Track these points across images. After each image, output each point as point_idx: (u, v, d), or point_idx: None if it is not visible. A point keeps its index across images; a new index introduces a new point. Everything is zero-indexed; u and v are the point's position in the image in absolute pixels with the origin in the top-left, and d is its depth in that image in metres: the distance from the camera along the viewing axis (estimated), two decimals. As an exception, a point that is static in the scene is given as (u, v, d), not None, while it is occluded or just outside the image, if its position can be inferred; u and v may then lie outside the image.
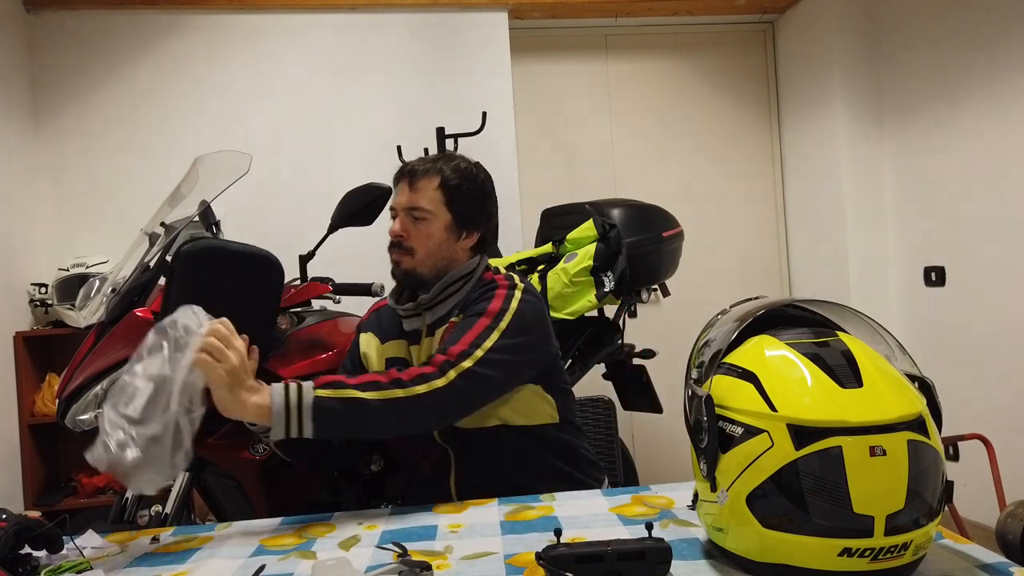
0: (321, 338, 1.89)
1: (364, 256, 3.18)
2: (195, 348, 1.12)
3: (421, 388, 1.26)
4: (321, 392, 1.21)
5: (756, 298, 1.06)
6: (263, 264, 1.70)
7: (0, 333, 2.83)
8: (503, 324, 1.35)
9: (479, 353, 1.30)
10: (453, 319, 1.43)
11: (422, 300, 1.46)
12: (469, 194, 1.48)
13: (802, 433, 0.81)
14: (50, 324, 3.00)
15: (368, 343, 1.56)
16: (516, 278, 1.47)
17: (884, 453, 0.79)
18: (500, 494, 1.31)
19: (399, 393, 1.24)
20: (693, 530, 1.06)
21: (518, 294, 1.41)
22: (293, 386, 1.20)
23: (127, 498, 1.63)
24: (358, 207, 1.91)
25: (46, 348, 3.08)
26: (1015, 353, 2.77)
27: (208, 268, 1.59)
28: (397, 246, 1.45)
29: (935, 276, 3.14)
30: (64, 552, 1.08)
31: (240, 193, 2.11)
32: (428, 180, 1.45)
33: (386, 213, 2.11)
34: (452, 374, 1.28)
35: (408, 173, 1.46)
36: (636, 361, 2.61)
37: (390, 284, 1.99)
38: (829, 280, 3.52)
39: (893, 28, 3.32)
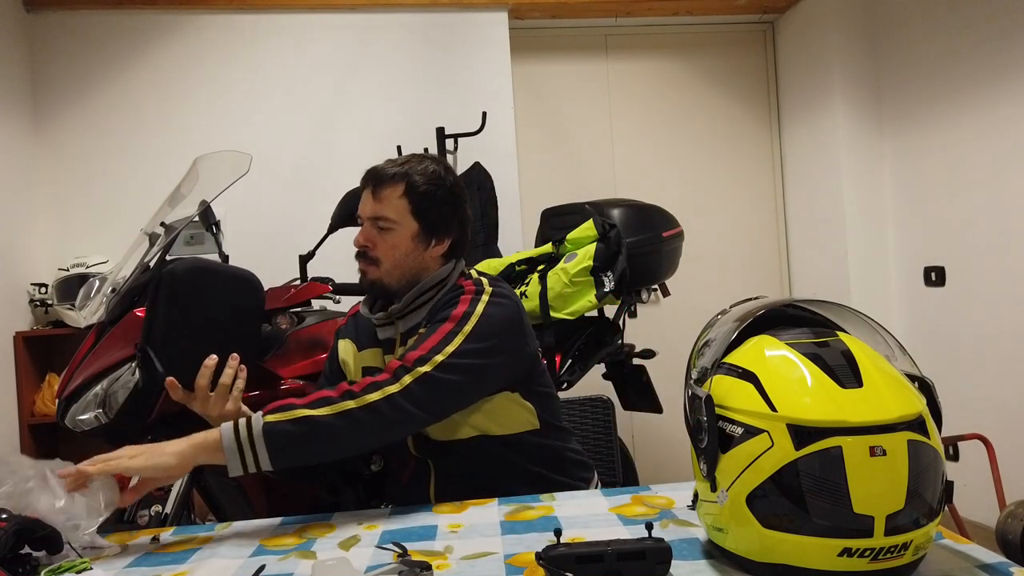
0: (321, 338, 1.89)
1: (364, 256, 3.19)
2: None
3: (373, 396, 1.20)
4: (270, 417, 1.17)
5: (756, 298, 1.06)
6: (246, 284, 1.70)
7: (0, 333, 2.83)
8: (467, 328, 1.30)
9: (439, 358, 1.25)
10: (422, 329, 1.37)
11: (393, 310, 1.41)
12: (438, 200, 1.40)
13: (802, 433, 0.81)
14: (50, 324, 3.01)
15: (346, 350, 1.52)
16: (486, 282, 1.42)
17: (884, 453, 0.79)
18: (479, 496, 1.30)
19: (350, 404, 1.19)
20: (693, 530, 1.06)
21: (485, 298, 1.35)
22: (242, 420, 1.17)
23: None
24: (358, 207, 1.91)
25: (46, 348, 3.08)
26: (1015, 353, 2.77)
27: (194, 287, 1.59)
28: (363, 256, 1.40)
29: (935, 276, 3.14)
30: (64, 552, 1.08)
31: (240, 193, 2.12)
32: (393, 188, 1.38)
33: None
34: (407, 379, 1.22)
35: (372, 179, 1.39)
36: (636, 361, 2.61)
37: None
38: (829, 280, 3.52)
39: (893, 28, 3.32)
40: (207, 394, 1.30)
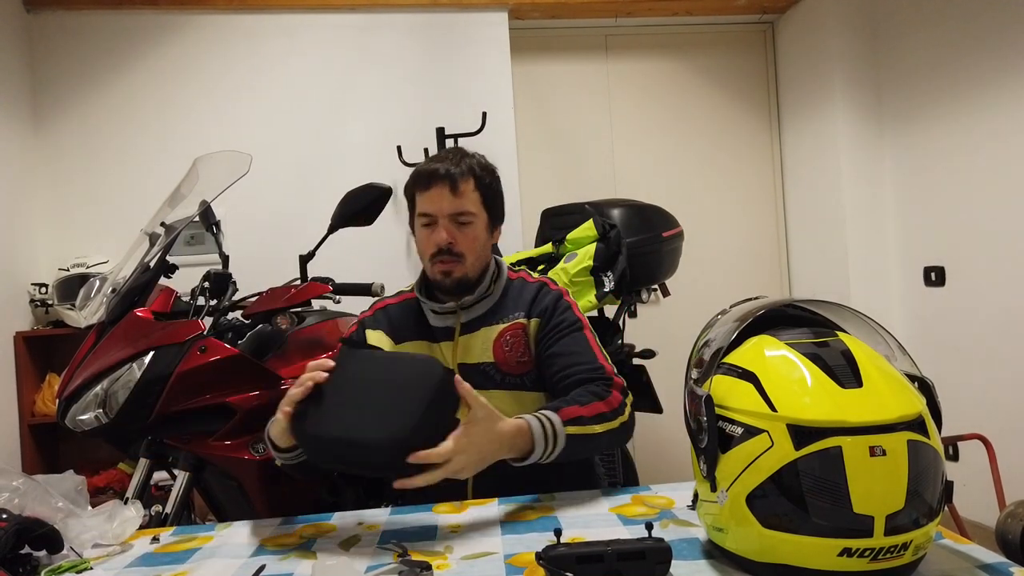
0: (321, 338, 1.89)
1: (364, 256, 3.19)
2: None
3: (626, 413, 1.34)
4: (571, 429, 1.24)
5: (756, 298, 1.06)
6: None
7: (0, 333, 2.83)
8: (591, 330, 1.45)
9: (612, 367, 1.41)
10: (510, 322, 1.44)
11: (466, 301, 1.45)
12: (496, 189, 1.48)
13: (802, 433, 0.81)
14: (50, 324, 3.01)
15: (380, 340, 1.50)
16: (548, 278, 1.52)
17: (884, 453, 0.79)
18: (515, 493, 1.30)
19: (617, 422, 1.31)
20: (693, 530, 1.06)
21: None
22: (546, 422, 1.22)
23: (127, 498, 1.63)
24: (358, 207, 1.91)
25: (46, 348, 3.08)
26: (1015, 353, 2.77)
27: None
28: (446, 253, 1.41)
29: (935, 276, 3.14)
30: (64, 552, 1.08)
31: (240, 193, 2.11)
32: (466, 182, 1.41)
33: (386, 213, 2.11)
34: (627, 398, 1.36)
35: (447, 177, 1.40)
36: (636, 361, 2.61)
37: (390, 284, 2.00)
38: (829, 280, 3.52)
39: (893, 28, 3.32)
40: None
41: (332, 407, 1.13)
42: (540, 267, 2.38)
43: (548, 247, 2.42)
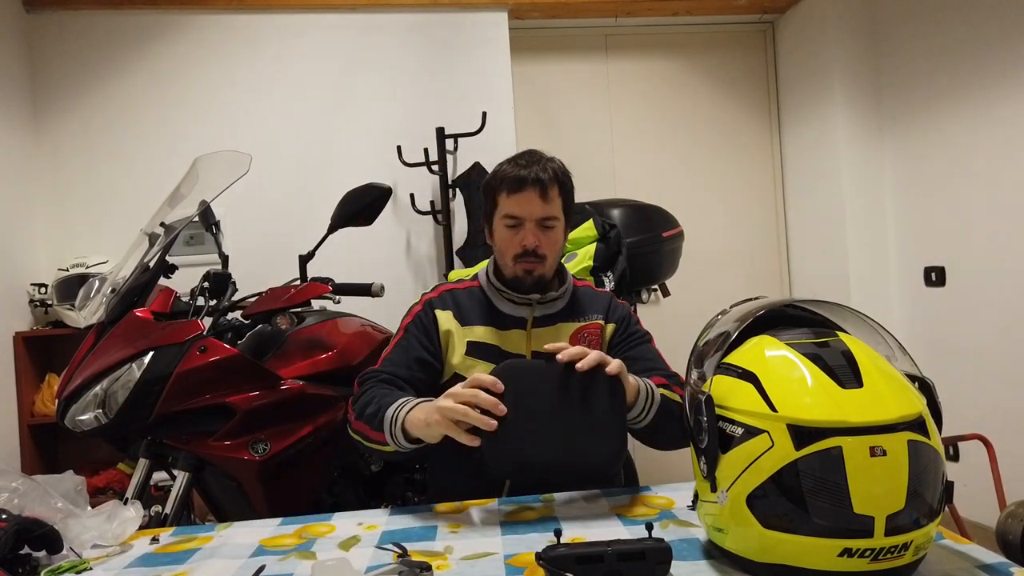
0: (321, 338, 1.89)
1: (364, 256, 3.19)
2: None
3: None
4: (664, 392, 1.34)
5: (756, 298, 1.06)
6: None
7: (0, 333, 2.83)
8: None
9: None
10: (588, 321, 1.52)
11: (550, 295, 1.51)
12: (572, 196, 1.54)
13: (802, 433, 0.81)
14: (50, 324, 3.00)
15: (448, 320, 1.50)
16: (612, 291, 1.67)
17: (884, 453, 0.79)
18: (553, 488, 1.30)
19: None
20: (693, 530, 1.06)
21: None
22: (649, 383, 1.32)
23: (127, 498, 1.63)
24: (358, 207, 1.91)
25: (46, 348, 3.08)
26: (1015, 353, 2.77)
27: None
28: (531, 255, 1.45)
29: (935, 276, 3.14)
30: (64, 552, 1.08)
31: (240, 193, 2.12)
32: (554, 188, 1.46)
33: (386, 213, 2.11)
34: None
35: (538, 183, 1.45)
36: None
37: (390, 284, 2.00)
38: (829, 280, 3.52)
39: (893, 28, 3.32)
40: None
41: (525, 428, 1.15)
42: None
43: (548, 247, 2.41)
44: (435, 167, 3.23)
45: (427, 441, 1.23)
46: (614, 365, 1.19)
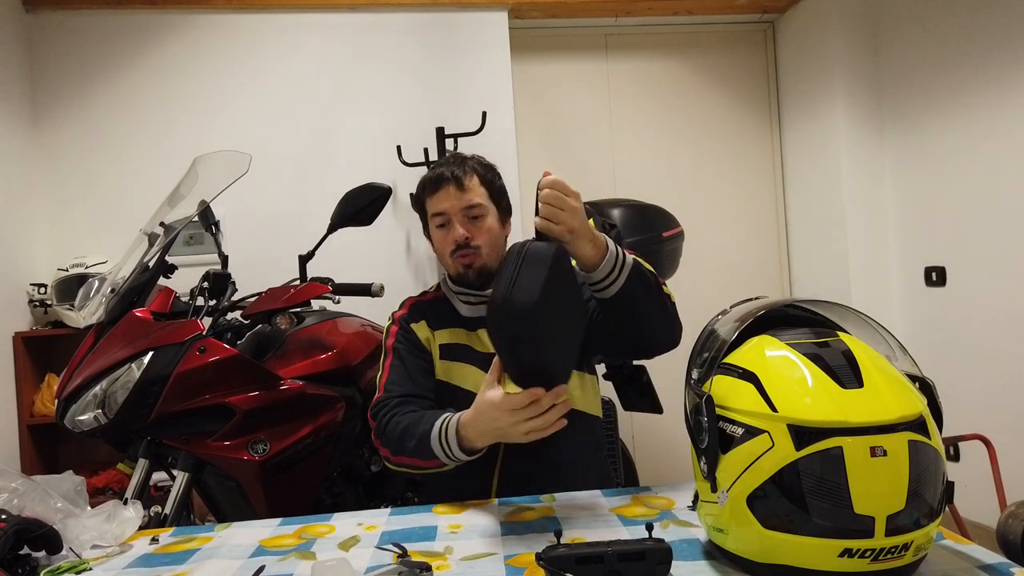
0: (320, 338, 1.89)
1: (364, 256, 3.19)
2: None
3: (672, 303, 1.36)
4: (638, 259, 1.31)
5: (756, 298, 1.06)
6: None
7: (0, 333, 2.82)
8: None
9: None
10: None
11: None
12: (500, 184, 1.55)
13: (803, 433, 0.81)
14: (49, 324, 3.00)
15: (423, 330, 1.52)
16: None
17: (885, 453, 0.79)
18: (541, 487, 1.30)
19: (666, 298, 1.34)
20: (693, 531, 1.06)
21: None
22: (616, 249, 1.28)
23: (127, 499, 1.62)
24: (358, 207, 1.91)
25: (45, 348, 3.07)
26: (1015, 353, 2.77)
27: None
28: (464, 247, 1.46)
29: (935, 276, 3.14)
30: (63, 553, 1.08)
31: (240, 193, 2.11)
32: (470, 178, 1.48)
33: (386, 213, 2.11)
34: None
35: (452, 178, 1.47)
36: (636, 361, 2.61)
37: (390, 284, 2.00)
38: (829, 280, 3.52)
39: (893, 28, 3.31)
40: None
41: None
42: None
43: (548, 247, 2.41)
44: (435, 167, 3.22)
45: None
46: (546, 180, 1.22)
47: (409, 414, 1.37)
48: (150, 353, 1.61)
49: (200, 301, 1.84)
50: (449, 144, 3.27)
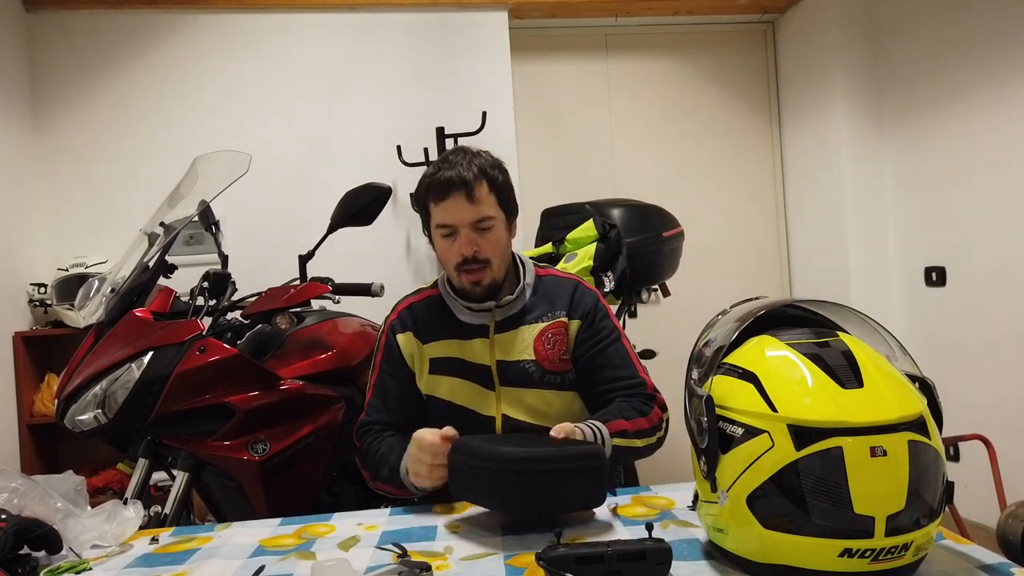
0: (320, 338, 1.89)
1: (364, 256, 3.19)
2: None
3: (663, 429, 1.43)
4: (617, 441, 1.31)
5: (756, 298, 1.06)
6: None
7: (0, 333, 2.82)
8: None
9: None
10: (550, 321, 1.45)
11: (504, 300, 1.45)
12: (508, 185, 1.45)
13: (803, 433, 0.81)
14: (49, 324, 3.00)
15: (409, 344, 1.48)
16: (578, 276, 1.57)
17: (885, 454, 0.79)
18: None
19: (653, 439, 1.40)
20: (693, 531, 1.06)
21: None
22: (596, 430, 1.28)
23: (127, 499, 1.62)
24: (358, 207, 1.91)
25: (45, 348, 3.07)
26: (1015, 353, 2.77)
27: None
28: (472, 261, 1.39)
29: (935, 276, 3.14)
30: (63, 552, 1.08)
31: (240, 193, 2.11)
32: (481, 187, 1.38)
33: (386, 213, 2.11)
34: (665, 414, 1.45)
35: (462, 185, 1.36)
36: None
37: (390, 284, 1.99)
38: (829, 280, 3.52)
39: (893, 28, 3.31)
40: None
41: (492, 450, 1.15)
42: (540, 267, 2.37)
43: (548, 247, 2.42)
44: (435, 167, 3.23)
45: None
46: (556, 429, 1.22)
47: (388, 439, 1.40)
48: (150, 353, 1.61)
49: (200, 301, 1.84)
50: (449, 144, 3.27)
